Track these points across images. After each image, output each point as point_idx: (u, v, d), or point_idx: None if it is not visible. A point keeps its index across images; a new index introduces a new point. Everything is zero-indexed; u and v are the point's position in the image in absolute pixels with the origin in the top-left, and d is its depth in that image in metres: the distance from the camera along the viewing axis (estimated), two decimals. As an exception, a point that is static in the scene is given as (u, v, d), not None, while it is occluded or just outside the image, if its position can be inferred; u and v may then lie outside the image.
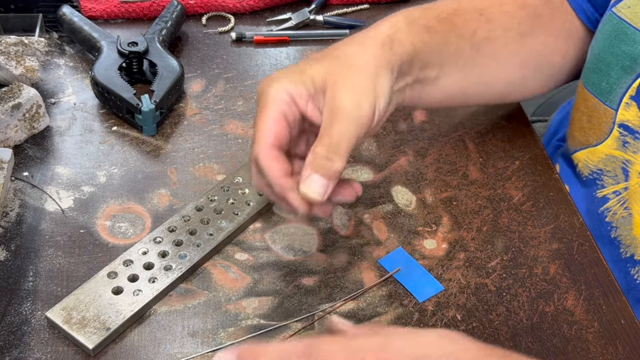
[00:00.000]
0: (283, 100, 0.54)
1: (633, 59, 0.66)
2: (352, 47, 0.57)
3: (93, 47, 0.77)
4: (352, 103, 0.54)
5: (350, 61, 0.56)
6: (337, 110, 0.53)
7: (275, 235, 0.65)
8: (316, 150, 0.53)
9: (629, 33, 0.66)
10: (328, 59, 0.57)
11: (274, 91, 0.54)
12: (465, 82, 0.68)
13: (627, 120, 0.68)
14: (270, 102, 0.54)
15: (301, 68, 0.56)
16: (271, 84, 0.54)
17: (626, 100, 0.67)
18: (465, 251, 0.64)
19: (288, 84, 0.54)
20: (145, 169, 0.69)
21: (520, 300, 0.61)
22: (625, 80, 0.67)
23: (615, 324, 0.60)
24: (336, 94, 0.54)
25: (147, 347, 0.55)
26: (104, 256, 0.61)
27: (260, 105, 0.54)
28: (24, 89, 0.69)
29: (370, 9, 0.93)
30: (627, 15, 0.65)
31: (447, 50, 0.65)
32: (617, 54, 0.67)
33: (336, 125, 0.53)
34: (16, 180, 0.67)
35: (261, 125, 0.53)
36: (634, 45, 0.65)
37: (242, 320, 0.58)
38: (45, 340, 0.55)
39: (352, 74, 0.55)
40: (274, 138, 0.53)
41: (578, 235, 0.67)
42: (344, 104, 0.53)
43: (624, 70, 0.67)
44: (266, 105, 0.54)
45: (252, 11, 0.90)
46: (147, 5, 0.86)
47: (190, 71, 0.81)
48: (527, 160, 0.74)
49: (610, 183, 0.71)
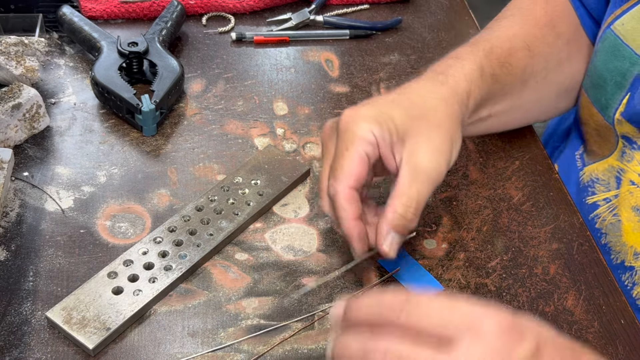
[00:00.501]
0: (369, 141, 0.55)
1: (623, 75, 0.68)
2: (433, 101, 0.58)
3: (93, 47, 0.77)
4: (433, 165, 0.55)
5: (432, 118, 0.57)
6: (418, 171, 0.55)
7: (275, 235, 0.65)
8: (398, 210, 0.54)
9: (621, 50, 0.67)
10: (409, 105, 0.57)
11: (362, 131, 0.55)
12: (508, 114, 0.71)
13: (625, 132, 0.69)
14: (357, 142, 0.55)
15: (383, 108, 0.57)
16: (359, 122, 0.55)
17: (617, 117, 0.69)
18: (465, 251, 0.64)
19: (375, 125, 0.55)
20: (145, 169, 0.69)
21: (520, 300, 0.61)
22: (617, 96, 0.69)
23: (615, 324, 0.60)
24: (418, 153, 0.55)
25: (147, 347, 0.56)
26: (104, 256, 0.61)
27: (346, 141, 0.55)
28: (24, 89, 0.69)
29: (370, 9, 0.93)
30: (621, 32, 0.67)
31: (503, 92, 0.68)
32: (611, 70, 0.69)
33: (415, 185, 0.54)
34: (16, 180, 0.67)
35: (346, 164, 0.55)
36: (624, 61, 0.67)
37: (242, 320, 0.58)
38: (45, 340, 0.55)
39: (435, 135, 0.56)
40: (355, 180, 0.55)
41: (578, 235, 0.67)
42: (425, 166, 0.55)
43: (616, 86, 0.69)
44: (353, 143, 0.55)
45: (252, 11, 0.90)
46: (147, 5, 0.86)
47: (190, 71, 0.81)
48: (527, 160, 0.74)
49: (601, 190, 0.73)
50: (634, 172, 0.69)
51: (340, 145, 0.56)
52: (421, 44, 0.88)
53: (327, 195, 0.57)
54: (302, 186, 0.69)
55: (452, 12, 0.94)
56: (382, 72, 0.83)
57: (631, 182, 0.69)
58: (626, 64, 0.67)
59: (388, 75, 0.83)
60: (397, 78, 0.82)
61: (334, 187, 0.55)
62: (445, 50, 0.87)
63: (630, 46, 0.66)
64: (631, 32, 0.66)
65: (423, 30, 0.90)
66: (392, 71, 0.83)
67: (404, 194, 0.55)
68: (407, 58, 0.86)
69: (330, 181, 0.55)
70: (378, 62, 0.85)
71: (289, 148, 0.73)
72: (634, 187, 0.69)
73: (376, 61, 0.85)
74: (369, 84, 0.81)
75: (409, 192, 0.55)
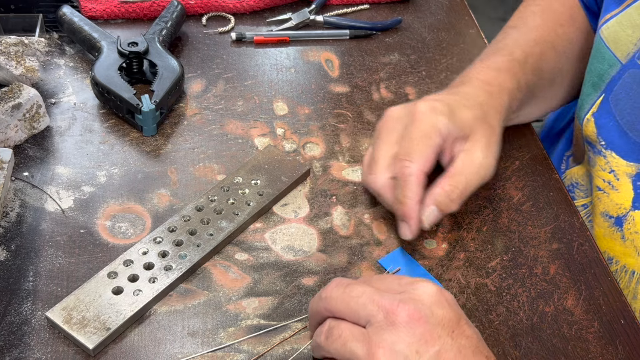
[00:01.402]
0: (443, 135, 0.61)
1: (600, 76, 0.71)
2: (489, 109, 0.65)
3: (93, 47, 0.77)
4: (487, 161, 0.62)
5: (490, 122, 0.64)
6: (474, 163, 0.61)
7: (275, 235, 0.65)
8: (445, 188, 0.60)
9: (603, 52, 0.70)
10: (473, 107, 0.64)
11: (440, 124, 0.61)
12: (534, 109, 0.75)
13: (587, 135, 0.71)
14: (435, 132, 0.60)
15: (455, 107, 0.63)
16: (438, 116, 0.61)
17: (588, 116, 0.70)
18: (465, 251, 0.64)
19: (450, 122, 0.61)
20: (145, 169, 0.69)
21: (520, 300, 0.61)
22: (592, 97, 0.72)
23: (615, 324, 0.60)
24: (476, 149, 0.62)
25: (147, 347, 0.56)
26: (104, 256, 0.61)
27: (424, 130, 0.60)
28: (24, 89, 0.69)
29: (370, 9, 0.93)
30: (605, 35, 0.69)
31: (533, 96, 0.73)
32: (591, 70, 0.72)
33: (467, 173, 0.61)
34: (16, 180, 0.67)
35: (424, 150, 0.60)
36: (604, 63, 0.70)
37: (242, 320, 0.58)
38: (45, 340, 0.55)
39: (490, 136, 0.63)
40: (429, 166, 0.60)
41: (578, 235, 0.67)
42: (480, 161, 0.62)
43: (592, 86, 0.72)
44: (431, 133, 0.60)
45: (252, 11, 0.90)
46: (147, 5, 0.86)
47: (190, 71, 0.81)
48: (527, 160, 0.74)
49: (580, 196, 0.76)
50: (599, 177, 0.71)
51: (417, 132, 0.60)
52: (421, 44, 0.88)
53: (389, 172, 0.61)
54: (302, 186, 0.69)
55: (452, 12, 0.94)
56: (382, 72, 0.83)
57: (598, 188, 0.71)
58: (605, 65, 0.70)
59: (388, 75, 0.83)
60: (397, 78, 0.82)
61: (410, 168, 0.59)
62: (445, 50, 0.87)
63: (612, 49, 0.69)
64: (613, 36, 0.68)
65: (423, 30, 0.90)
66: (392, 71, 0.83)
67: (455, 176, 0.61)
68: (407, 58, 0.86)
69: (406, 162, 0.59)
70: (378, 62, 0.85)
71: (289, 148, 0.73)
72: (601, 193, 0.71)
73: (376, 61, 0.85)
74: (369, 84, 0.81)
75: (459, 177, 0.61)
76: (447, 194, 0.60)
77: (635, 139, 0.67)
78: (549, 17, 0.75)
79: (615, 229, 0.70)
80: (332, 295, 0.50)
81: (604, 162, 0.70)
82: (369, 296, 0.48)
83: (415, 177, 0.59)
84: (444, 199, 0.60)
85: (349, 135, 0.75)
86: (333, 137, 0.74)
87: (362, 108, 0.78)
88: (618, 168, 0.69)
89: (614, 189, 0.69)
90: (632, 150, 0.68)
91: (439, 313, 0.47)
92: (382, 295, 0.48)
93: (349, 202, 0.68)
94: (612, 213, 0.70)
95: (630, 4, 0.67)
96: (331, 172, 0.71)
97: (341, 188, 0.69)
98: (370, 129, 0.76)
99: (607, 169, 0.70)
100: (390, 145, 0.62)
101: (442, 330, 0.47)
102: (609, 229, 0.70)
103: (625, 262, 0.69)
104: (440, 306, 0.48)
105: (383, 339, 0.46)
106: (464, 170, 0.61)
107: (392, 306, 0.47)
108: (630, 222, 0.68)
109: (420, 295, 0.48)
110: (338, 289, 0.50)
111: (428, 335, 0.46)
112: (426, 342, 0.46)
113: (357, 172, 0.71)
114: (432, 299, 0.48)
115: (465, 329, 0.48)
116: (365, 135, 0.75)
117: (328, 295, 0.50)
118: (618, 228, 0.69)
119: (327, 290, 0.51)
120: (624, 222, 0.69)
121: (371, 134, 0.75)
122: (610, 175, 0.69)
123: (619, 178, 0.69)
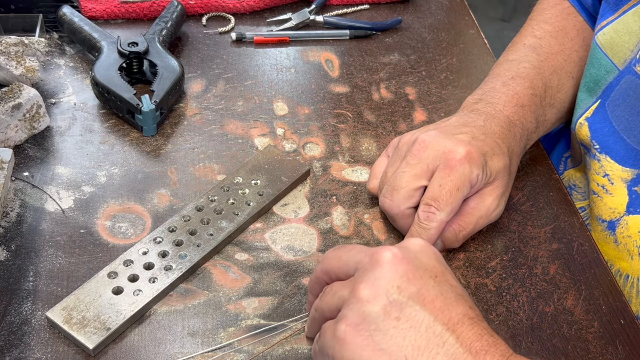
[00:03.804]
0: (470, 186, 0.61)
1: (596, 82, 0.71)
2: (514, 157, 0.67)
3: (93, 47, 0.77)
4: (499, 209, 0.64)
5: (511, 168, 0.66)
6: (486, 209, 0.63)
7: (275, 235, 0.65)
8: (454, 228, 0.62)
9: (599, 57, 0.70)
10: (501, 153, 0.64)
11: (474, 177, 0.61)
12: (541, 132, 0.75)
13: (581, 139, 0.71)
14: (467, 186, 0.60)
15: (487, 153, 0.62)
16: (473, 169, 0.61)
17: (581, 120, 0.71)
18: (465, 251, 0.64)
19: (481, 172, 0.61)
20: (145, 169, 0.69)
21: (520, 300, 0.61)
22: (587, 102, 0.72)
23: (615, 324, 0.60)
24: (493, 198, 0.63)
25: (147, 347, 0.56)
26: (104, 256, 0.61)
27: (459, 181, 0.60)
28: (24, 89, 0.69)
29: (370, 9, 0.93)
30: (601, 42, 0.70)
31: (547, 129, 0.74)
32: (587, 76, 0.72)
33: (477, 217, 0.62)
34: (16, 180, 0.67)
35: (453, 203, 0.60)
36: (600, 69, 0.70)
37: (242, 320, 0.58)
38: (45, 340, 0.55)
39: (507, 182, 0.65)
40: (451, 214, 0.60)
41: (578, 235, 0.67)
42: (493, 209, 0.63)
43: (588, 91, 0.72)
44: (464, 187, 0.60)
45: (252, 11, 0.90)
46: (147, 5, 0.86)
47: (190, 71, 0.81)
48: (527, 160, 0.74)
49: (578, 199, 0.76)
50: (594, 181, 0.71)
51: (449, 182, 0.60)
52: (421, 44, 0.88)
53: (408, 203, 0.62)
54: (302, 186, 0.69)
55: (452, 12, 0.94)
56: (382, 72, 0.83)
57: (593, 192, 0.71)
58: (602, 71, 0.70)
59: (388, 75, 0.83)
60: (397, 78, 0.82)
61: (435, 215, 0.60)
62: (445, 51, 0.87)
63: (608, 55, 0.69)
64: (610, 42, 0.68)
65: (423, 30, 0.90)
66: (392, 71, 0.83)
67: (466, 217, 0.62)
68: (407, 58, 0.86)
69: (433, 209, 0.60)
70: (378, 62, 0.85)
71: (289, 148, 0.73)
72: (596, 197, 0.71)
73: (376, 61, 0.85)
74: (369, 84, 0.82)
75: (470, 218, 0.62)
76: (455, 232, 0.62)
77: (632, 144, 0.67)
78: (564, 42, 0.75)
79: (608, 233, 0.70)
80: (327, 255, 0.52)
81: (598, 165, 0.70)
82: (359, 249, 0.50)
83: (438, 226, 0.60)
84: (451, 236, 0.62)
85: (349, 136, 0.75)
86: (333, 137, 0.74)
87: (362, 108, 0.78)
88: (612, 172, 0.69)
89: (608, 193, 0.70)
90: (628, 155, 0.68)
91: (423, 259, 0.48)
92: (371, 248, 0.49)
93: (349, 202, 0.68)
94: (605, 217, 0.70)
95: (626, 10, 0.67)
96: (331, 172, 0.71)
97: (341, 188, 0.69)
98: (370, 128, 0.76)
99: (602, 172, 0.70)
100: (415, 178, 0.61)
101: (424, 272, 0.47)
102: (602, 232, 0.70)
103: (620, 266, 0.69)
104: (426, 255, 0.49)
105: (366, 277, 0.47)
106: (475, 213, 0.62)
107: (379, 250, 0.48)
108: (623, 227, 0.68)
109: (407, 245, 0.49)
110: (332, 250, 0.52)
111: (410, 274, 0.47)
112: (408, 280, 0.46)
113: (357, 172, 0.71)
114: (419, 248, 0.49)
115: (449, 278, 0.49)
116: (365, 135, 0.75)
117: (324, 256, 0.52)
118: (611, 232, 0.70)
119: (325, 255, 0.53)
120: (616, 226, 0.69)
121: (371, 134, 0.75)
122: (604, 179, 0.70)
123: (613, 182, 0.69)
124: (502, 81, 0.71)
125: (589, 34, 0.76)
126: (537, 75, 0.72)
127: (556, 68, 0.73)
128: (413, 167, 0.62)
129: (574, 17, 0.77)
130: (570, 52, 0.75)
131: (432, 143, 0.62)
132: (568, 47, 0.75)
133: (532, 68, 0.72)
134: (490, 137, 0.64)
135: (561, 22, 0.77)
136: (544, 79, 0.72)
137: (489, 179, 0.62)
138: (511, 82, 0.70)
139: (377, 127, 0.76)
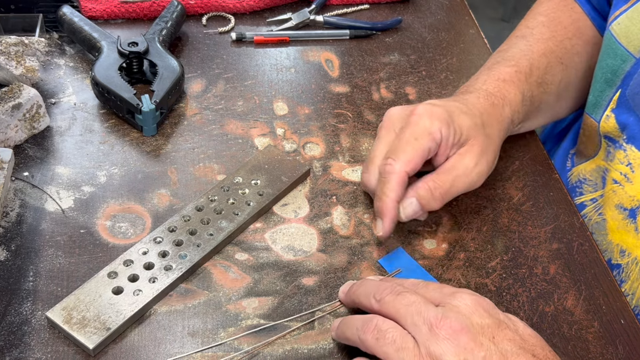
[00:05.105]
0: (435, 139, 0.61)
1: (614, 72, 0.71)
2: (490, 118, 0.66)
3: (93, 47, 0.77)
4: (477, 168, 0.63)
5: (488, 132, 0.65)
6: (464, 167, 0.62)
7: (275, 235, 0.65)
8: (429, 184, 0.61)
9: (614, 48, 0.70)
10: (474, 115, 0.64)
11: (433, 128, 0.61)
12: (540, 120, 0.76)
13: (607, 131, 0.71)
14: (426, 135, 0.61)
15: (454, 113, 0.63)
16: (432, 120, 0.61)
17: (607, 112, 0.71)
18: (465, 251, 0.64)
19: (445, 126, 0.61)
20: (145, 169, 0.69)
21: (520, 300, 0.61)
22: (607, 93, 0.72)
23: (615, 324, 0.60)
24: (468, 155, 0.63)
25: (147, 347, 0.56)
26: (104, 256, 0.61)
27: (416, 132, 0.61)
28: (24, 89, 0.69)
29: (370, 9, 0.93)
30: (616, 31, 0.70)
31: (538, 110, 0.74)
32: (603, 67, 0.72)
33: (453, 176, 0.62)
34: (16, 180, 0.67)
35: (410, 151, 0.60)
36: (616, 59, 0.70)
37: (242, 320, 0.58)
38: (45, 340, 0.55)
39: (487, 145, 0.64)
40: (412, 167, 0.60)
41: (578, 235, 0.67)
42: (471, 167, 0.63)
43: (606, 83, 0.72)
44: (422, 135, 0.61)
45: (252, 11, 0.90)
46: (147, 5, 0.86)
47: (190, 71, 0.81)
48: (527, 160, 0.74)
49: (589, 191, 0.75)
50: (616, 170, 0.71)
51: (408, 133, 0.61)
52: (421, 44, 0.88)
53: (378, 170, 0.62)
54: (302, 186, 0.69)
55: (452, 12, 0.94)
56: (382, 72, 0.83)
57: (614, 180, 0.71)
58: (618, 61, 0.70)
59: (388, 75, 0.83)
60: (397, 78, 0.82)
61: (392, 166, 0.60)
62: (445, 50, 0.87)
63: (623, 44, 0.69)
64: (625, 31, 0.69)
65: (423, 30, 0.90)
66: (392, 71, 0.83)
67: (441, 175, 0.62)
68: (407, 58, 0.86)
69: (389, 160, 0.60)
70: (378, 62, 0.85)
71: (289, 148, 0.73)
72: (617, 186, 0.71)
73: (376, 61, 0.85)
74: (369, 84, 0.82)
75: (446, 176, 0.62)
76: (430, 190, 0.61)
77: None
78: (556, 29, 0.75)
79: (629, 221, 0.70)
80: (385, 299, 0.52)
81: (623, 155, 0.70)
82: (416, 307, 0.51)
83: (396, 175, 0.60)
84: (426, 193, 0.61)
85: (349, 135, 0.75)
86: (333, 137, 0.74)
87: (362, 108, 0.78)
88: (635, 160, 0.69)
89: (629, 181, 0.70)
90: None
91: (478, 322, 0.49)
92: (427, 307, 0.50)
93: (349, 202, 0.68)
94: (626, 205, 0.70)
95: None
96: (331, 172, 0.71)
97: (341, 188, 0.69)
98: (370, 129, 0.76)
99: (625, 162, 0.70)
100: (386, 145, 0.63)
101: (483, 337, 0.49)
102: (622, 221, 0.70)
103: (637, 254, 0.69)
104: (478, 315, 0.50)
105: (431, 351, 0.48)
106: (452, 171, 0.62)
107: (436, 320, 0.49)
108: None
109: (459, 307, 0.50)
110: (391, 295, 0.52)
111: (472, 344, 0.48)
112: (471, 351, 0.48)
113: (357, 172, 0.71)
114: (470, 310, 0.50)
115: (506, 333, 0.50)
116: (365, 135, 0.75)
117: (381, 298, 0.53)
118: (632, 220, 0.69)
119: (380, 291, 0.53)
120: (637, 214, 0.69)
121: (371, 134, 0.75)
122: (627, 168, 0.70)
123: (634, 170, 0.69)
124: (487, 67, 0.73)
125: (585, 25, 0.76)
126: (523, 57, 0.73)
127: (545, 52, 0.74)
128: (383, 137, 0.64)
129: (571, 9, 0.77)
130: (562, 39, 0.75)
131: (397, 112, 0.65)
132: (560, 34, 0.75)
133: (519, 51, 0.73)
134: (460, 102, 0.66)
135: (556, 12, 0.77)
136: (531, 60, 0.73)
137: (461, 137, 0.63)
138: (495, 65, 0.72)
139: (377, 127, 0.76)
